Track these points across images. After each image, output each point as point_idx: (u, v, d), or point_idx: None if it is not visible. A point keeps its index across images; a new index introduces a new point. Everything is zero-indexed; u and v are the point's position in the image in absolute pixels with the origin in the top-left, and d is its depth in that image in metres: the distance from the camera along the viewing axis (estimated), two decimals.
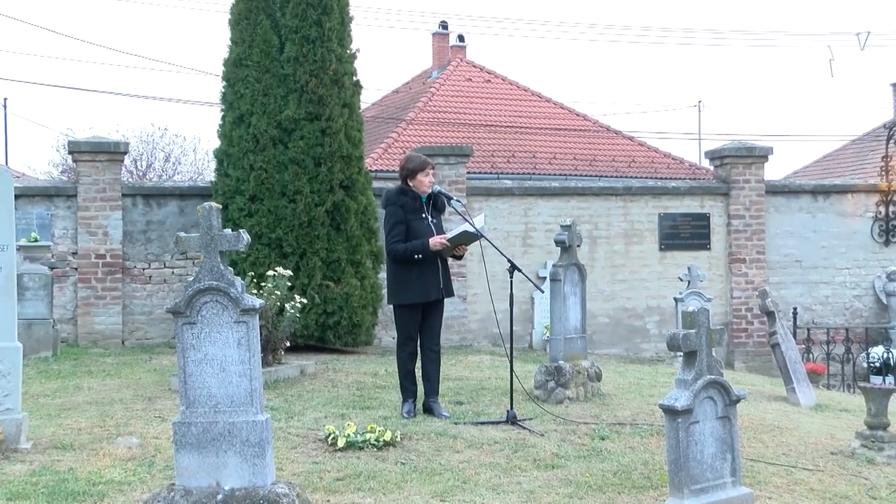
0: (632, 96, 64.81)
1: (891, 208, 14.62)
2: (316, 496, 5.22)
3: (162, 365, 10.04)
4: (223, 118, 11.80)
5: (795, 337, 11.94)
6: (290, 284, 9.59)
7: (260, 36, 11.44)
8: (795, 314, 13.65)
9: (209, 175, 24.65)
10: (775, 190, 14.45)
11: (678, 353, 4.84)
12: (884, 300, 14.41)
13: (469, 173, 13.86)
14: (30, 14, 58.22)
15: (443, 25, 28.65)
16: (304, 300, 9.72)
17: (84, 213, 12.13)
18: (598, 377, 8.47)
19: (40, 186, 12.94)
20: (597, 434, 6.77)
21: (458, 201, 7.66)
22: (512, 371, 7.43)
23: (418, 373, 7.43)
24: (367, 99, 28.45)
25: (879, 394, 6.70)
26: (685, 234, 14.03)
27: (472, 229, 7.12)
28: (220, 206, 4.92)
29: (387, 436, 6.28)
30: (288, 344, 9.39)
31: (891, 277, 14.27)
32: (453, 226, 8.54)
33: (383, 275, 9.40)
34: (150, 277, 12.41)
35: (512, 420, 7.02)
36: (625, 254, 13.89)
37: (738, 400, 4.90)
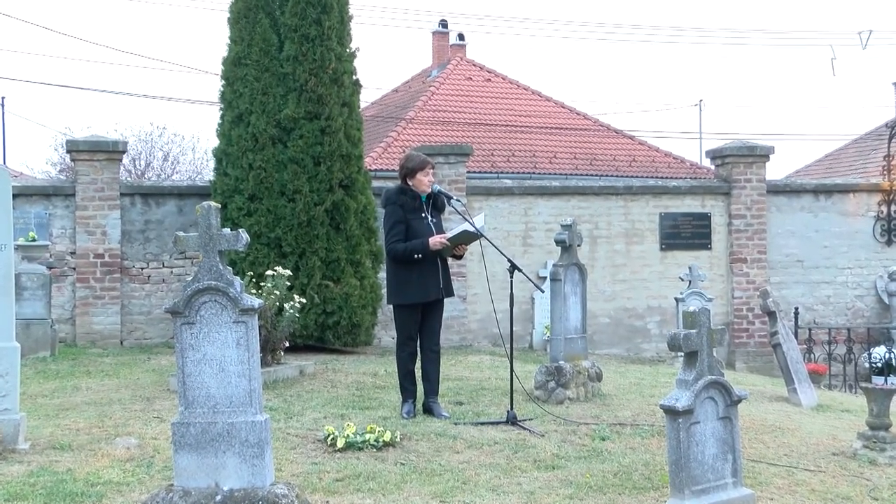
0: (632, 95, 64.92)
1: (893, 208, 14.59)
2: (315, 497, 5.21)
3: (160, 365, 10.02)
4: (222, 117, 11.78)
5: (797, 337, 11.92)
6: (290, 284, 9.57)
7: (259, 34, 11.42)
8: (797, 314, 13.63)
9: (208, 174, 24.66)
10: (777, 189, 14.43)
11: (679, 354, 4.82)
12: (886, 300, 14.39)
13: (469, 172, 13.84)
14: (28, 13, 58.25)
15: (443, 24, 28.62)
16: (304, 300, 9.70)
17: (82, 213, 12.11)
18: (599, 377, 8.45)
19: (38, 186, 12.94)
20: (597, 435, 6.75)
21: (458, 201, 7.63)
22: (512, 371, 7.41)
23: (418, 373, 7.41)
24: (367, 98, 28.46)
25: (881, 394, 6.68)
26: (686, 234, 14.01)
27: (472, 229, 7.10)
28: (219, 206, 4.92)
29: (386, 436, 6.27)
30: (287, 344, 9.37)
31: (893, 277, 14.25)
32: (453, 225, 8.52)
33: (383, 274, 9.38)
34: (149, 277, 12.39)
35: (512, 420, 7.00)
36: (625, 253, 13.86)
37: (740, 400, 4.90)
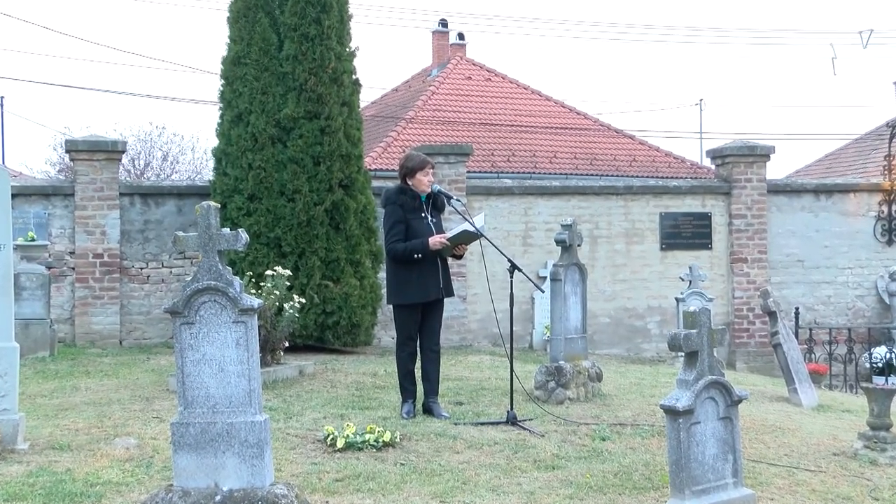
0: (633, 95, 64.86)
1: (893, 207, 14.58)
2: (315, 497, 5.20)
3: (160, 365, 10.01)
4: (221, 117, 11.77)
5: (797, 337, 11.92)
6: (289, 284, 9.56)
7: (259, 34, 11.40)
8: (797, 314, 13.63)
9: (207, 174, 24.64)
10: (777, 189, 14.41)
11: (679, 354, 4.82)
12: (886, 300, 14.38)
13: (469, 172, 13.83)
14: (27, 12, 58.23)
15: (442, 23, 28.58)
16: (303, 300, 9.69)
17: (81, 213, 12.09)
18: (599, 377, 8.44)
19: (37, 185, 12.93)
20: (597, 435, 6.74)
21: (458, 200, 7.62)
22: (512, 371, 7.40)
23: (418, 373, 7.40)
24: (367, 97, 28.46)
25: (882, 394, 6.68)
26: (686, 234, 14.00)
27: (472, 228, 7.09)
28: (219, 206, 4.92)
29: (386, 436, 6.26)
30: (287, 344, 9.36)
31: (893, 277, 14.24)
32: (453, 225, 8.51)
33: (383, 274, 9.38)
34: (148, 277, 12.38)
35: (512, 421, 6.99)
36: (626, 253, 13.85)
37: (740, 400, 4.89)
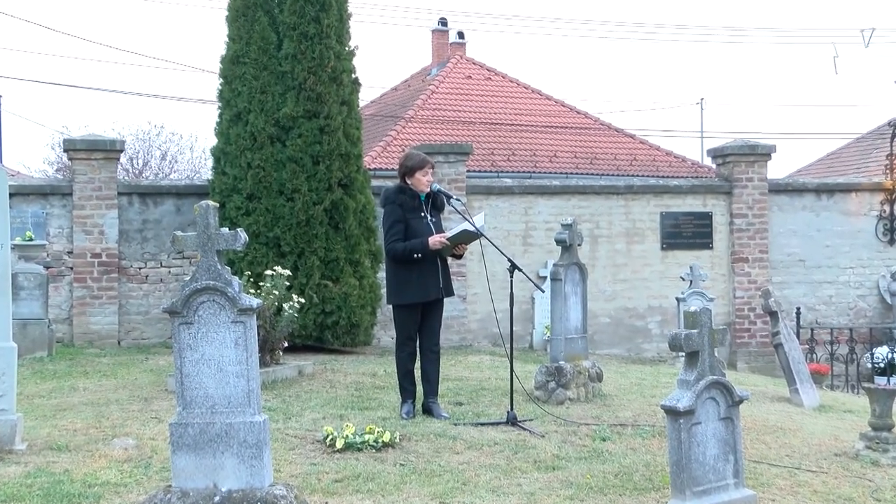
0: (633, 94, 64.85)
1: (895, 207, 14.55)
2: (314, 498, 5.19)
3: (158, 365, 9.99)
4: (220, 116, 11.74)
5: (799, 337, 11.90)
6: (288, 284, 9.53)
7: (258, 33, 11.38)
8: (799, 314, 13.61)
9: (206, 173, 24.57)
10: (778, 188, 14.40)
11: (680, 354, 4.80)
12: (888, 300, 14.36)
13: (469, 171, 13.82)
14: (25, 11, 58.21)
15: (442, 22, 28.56)
16: (303, 300, 9.66)
17: (80, 212, 12.07)
18: (600, 378, 8.41)
19: (35, 185, 12.91)
20: (598, 435, 6.72)
21: (458, 200, 7.59)
22: (512, 371, 7.38)
23: (417, 373, 7.38)
24: (366, 96, 28.45)
25: (884, 395, 6.65)
26: (687, 233, 13.98)
27: (472, 228, 7.07)
28: (217, 205, 4.92)
29: (386, 437, 6.24)
30: (286, 344, 9.34)
31: (895, 277, 14.21)
32: (453, 224, 8.48)
33: (382, 274, 9.36)
34: (147, 277, 12.35)
35: (512, 421, 6.96)
36: (626, 253, 13.83)
37: (741, 401, 4.88)
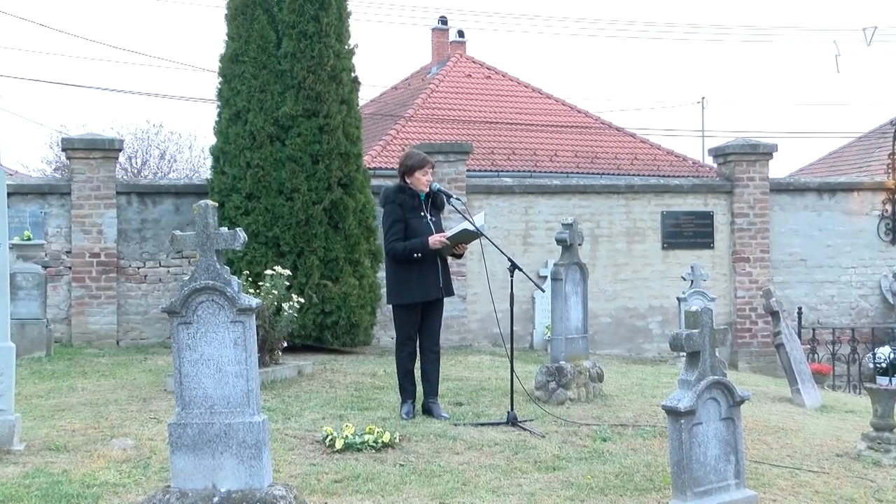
0: (634, 93, 64.84)
1: None
2: (314, 498, 5.18)
3: (157, 365, 9.98)
4: (219, 115, 11.72)
5: (800, 337, 11.87)
6: (288, 284, 9.51)
7: (257, 31, 11.36)
8: (800, 314, 13.59)
9: (205, 173, 24.49)
10: (780, 188, 14.37)
11: (681, 354, 4.79)
12: (890, 300, 14.33)
13: (469, 171, 13.80)
14: (23, 9, 58.14)
15: (442, 21, 28.54)
16: (302, 300, 9.64)
17: (78, 212, 12.05)
18: (600, 378, 8.40)
19: (34, 184, 12.89)
20: (598, 435, 6.70)
21: (458, 199, 7.57)
22: (512, 371, 7.36)
23: (417, 373, 7.36)
24: (366, 95, 28.43)
25: (886, 395, 6.63)
26: (688, 233, 13.95)
27: (472, 227, 7.05)
28: (217, 205, 4.91)
29: (385, 437, 6.22)
30: (285, 344, 9.33)
31: None
32: (453, 224, 8.46)
33: (382, 274, 9.33)
34: (146, 277, 12.33)
35: (512, 421, 6.95)
36: (627, 253, 13.81)
37: (742, 401, 4.86)
